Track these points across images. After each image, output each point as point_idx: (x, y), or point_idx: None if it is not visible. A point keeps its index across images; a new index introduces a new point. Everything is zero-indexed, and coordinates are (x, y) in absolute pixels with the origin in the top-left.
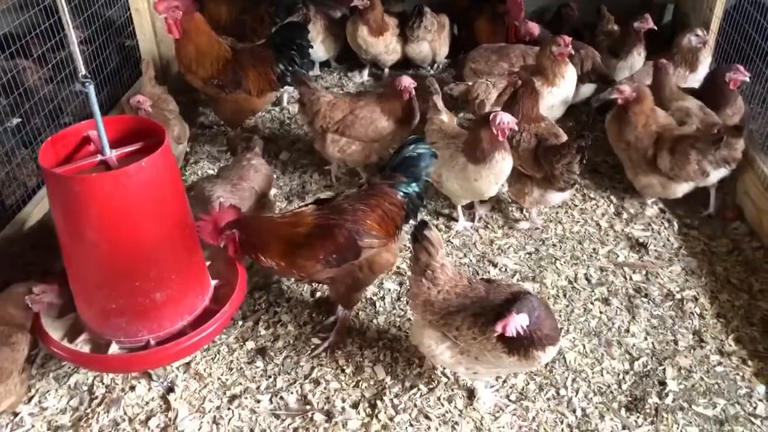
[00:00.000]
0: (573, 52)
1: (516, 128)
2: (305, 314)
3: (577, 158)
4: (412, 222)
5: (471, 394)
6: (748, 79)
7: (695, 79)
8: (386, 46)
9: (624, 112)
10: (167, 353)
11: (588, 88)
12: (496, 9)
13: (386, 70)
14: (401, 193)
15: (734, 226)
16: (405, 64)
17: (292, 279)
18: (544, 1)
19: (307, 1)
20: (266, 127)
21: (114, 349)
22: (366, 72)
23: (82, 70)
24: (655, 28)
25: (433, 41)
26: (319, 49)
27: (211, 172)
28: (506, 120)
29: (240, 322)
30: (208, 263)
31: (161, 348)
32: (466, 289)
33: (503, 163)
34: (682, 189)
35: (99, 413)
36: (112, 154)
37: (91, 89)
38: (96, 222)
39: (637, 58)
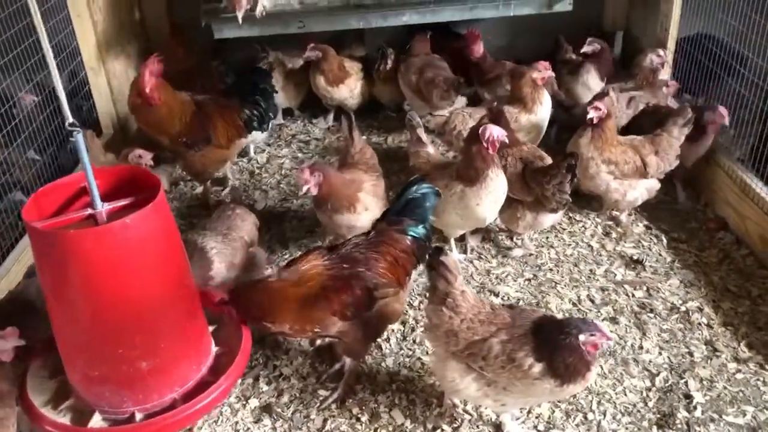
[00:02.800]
0: (553, 74)
1: (507, 140)
2: (307, 365)
3: (568, 177)
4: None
5: (498, 429)
6: (726, 122)
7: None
8: (351, 91)
9: (600, 131)
10: (151, 428)
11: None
12: (454, 45)
13: (352, 114)
14: (410, 238)
15: (720, 235)
16: (372, 106)
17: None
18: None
19: (267, 47)
20: (236, 178)
21: (96, 420)
22: (331, 117)
23: (69, 118)
24: (598, 47)
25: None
26: (280, 96)
27: (182, 228)
28: (495, 133)
29: (239, 381)
30: (212, 328)
31: (146, 423)
32: (490, 316)
33: (497, 180)
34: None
35: None
36: (103, 208)
37: (80, 138)
38: (76, 281)
39: (587, 76)
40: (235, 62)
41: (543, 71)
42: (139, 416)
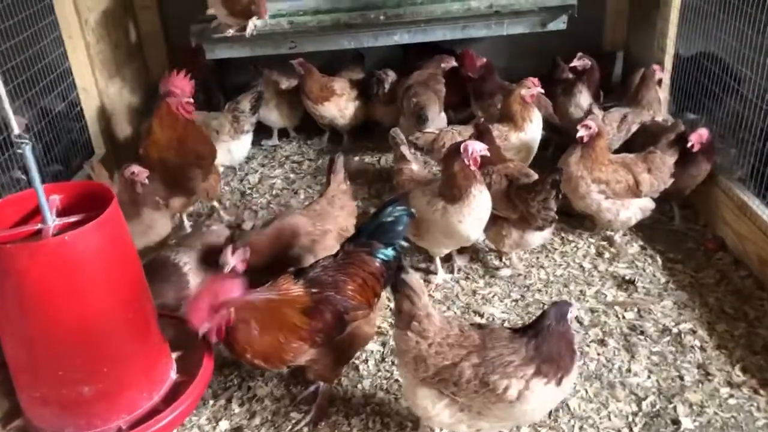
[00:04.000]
0: (542, 91)
1: (488, 154)
2: (282, 387)
3: (553, 193)
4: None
5: None
6: (705, 142)
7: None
8: (340, 111)
9: (590, 150)
10: None
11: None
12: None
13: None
14: (379, 261)
15: (718, 256)
16: (367, 125)
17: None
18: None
19: (260, 67)
20: (227, 198)
21: None
22: (326, 138)
23: (16, 129)
24: (588, 63)
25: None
26: (272, 113)
27: None
28: (478, 148)
29: (211, 402)
30: (177, 354)
31: None
32: (459, 339)
33: (481, 197)
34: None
35: None
36: (51, 223)
37: (28, 150)
38: (14, 297)
39: (579, 96)
40: None
41: (532, 87)
42: None
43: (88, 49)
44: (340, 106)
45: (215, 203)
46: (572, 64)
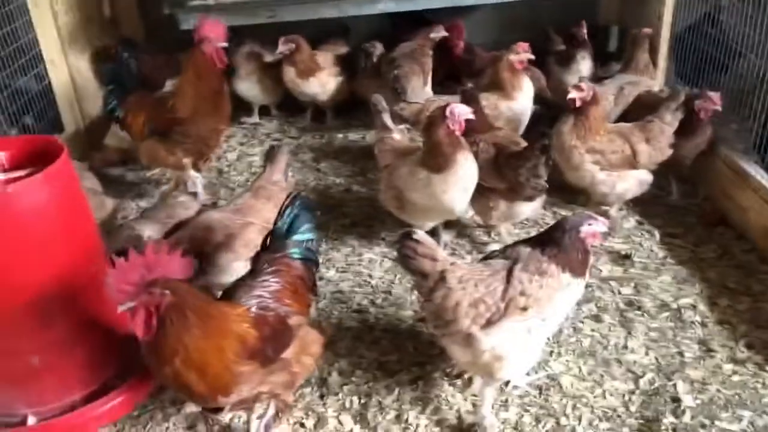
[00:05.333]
0: (533, 56)
1: (473, 117)
2: None
3: (542, 159)
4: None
5: None
6: (719, 108)
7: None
8: (322, 86)
9: (584, 118)
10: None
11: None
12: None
13: (328, 112)
14: (298, 260)
15: (719, 231)
16: (353, 102)
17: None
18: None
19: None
20: (204, 176)
21: None
22: (308, 115)
23: None
24: (584, 32)
25: None
26: (254, 88)
27: None
28: (462, 111)
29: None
30: None
31: (42, 426)
32: (490, 267)
33: (467, 165)
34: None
35: None
36: None
37: None
38: None
39: (582, 62)
40: None
41: (521, 53)
42: (32, 420)
43: (56, 20)
44: (321, 81)
45: (196, 174)
46: (579, 31)
